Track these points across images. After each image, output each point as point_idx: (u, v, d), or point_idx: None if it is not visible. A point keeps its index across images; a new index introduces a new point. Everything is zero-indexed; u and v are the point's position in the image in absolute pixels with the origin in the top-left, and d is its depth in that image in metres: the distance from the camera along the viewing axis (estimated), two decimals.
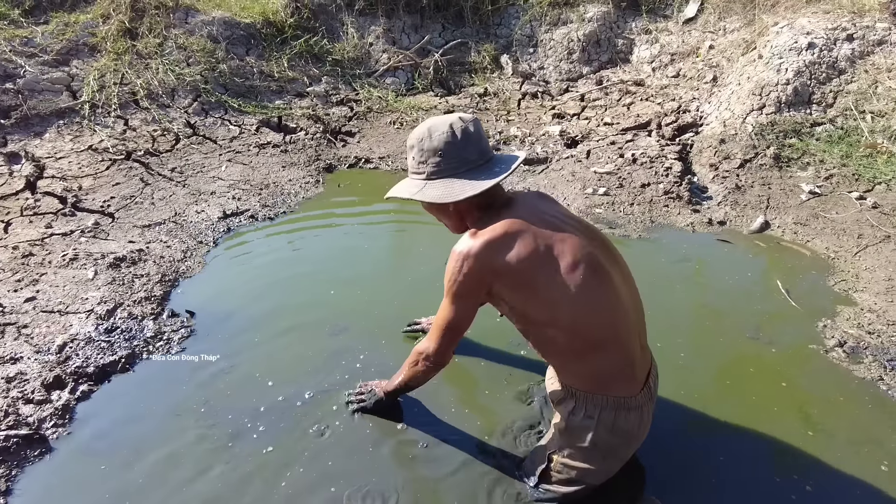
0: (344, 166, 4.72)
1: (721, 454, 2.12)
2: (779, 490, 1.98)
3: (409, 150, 1.82)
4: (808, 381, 2.44)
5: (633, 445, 1.80)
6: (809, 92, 4.53)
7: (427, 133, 1.74)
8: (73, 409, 2.34)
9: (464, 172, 1.71)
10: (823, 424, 2.22)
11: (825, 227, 3.60)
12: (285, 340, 2.69)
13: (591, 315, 1.63)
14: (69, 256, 3.24)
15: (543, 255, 1.62)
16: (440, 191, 1.72)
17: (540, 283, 1.62)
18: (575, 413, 1.75)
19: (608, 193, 4.04)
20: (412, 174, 1.81)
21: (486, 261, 1.64)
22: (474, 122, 1.76)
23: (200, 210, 3.92)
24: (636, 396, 1.71)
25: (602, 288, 1.64)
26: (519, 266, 1.62)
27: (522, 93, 6.06)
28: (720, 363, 2.56)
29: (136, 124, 4.98)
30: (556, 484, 1.90)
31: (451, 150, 1.71)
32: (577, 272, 1.61)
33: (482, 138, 1.76)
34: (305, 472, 2.06)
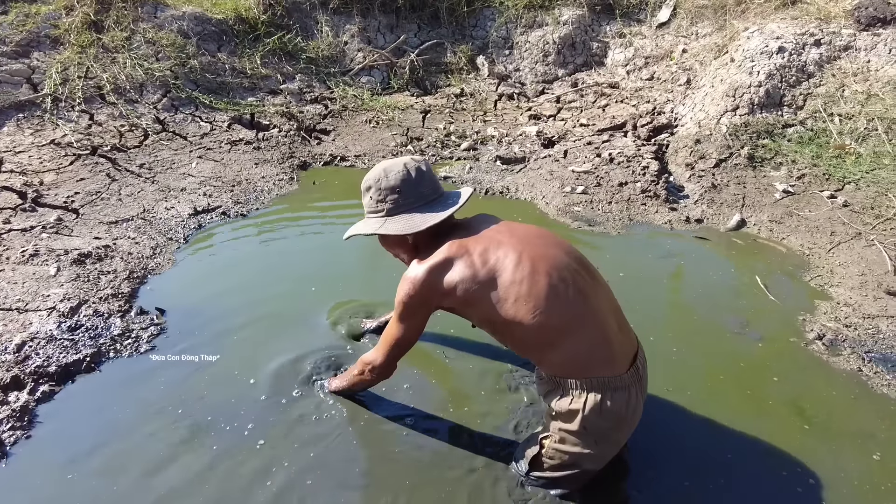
0: (319, 164, 4.62)
1: (719, 448, 2.10)
2: (785, 484, 1.97)
3: (364, 193, 1.93)
4: (795, 374, 2.44)
5: (623, 429, 1.78)
6: (780, 94, 4.62)
7: (383, 174, 1.88)
8: (33, 411, 2.19)
9: (420, 206, 1.87)
10: (816, 417, 2.22)
11: (799, 225, 3.66)
12: (258, 337, 2.59)
13: (550, 304, 1.69)
14: (29, 252, 3.08)
15: (486, 268, 1.73)
16: (400, 224, 1.86)
17: (491, 292, 1.72)
18: (562, 399, 1.75)
19: (586, 192, 4.04)
20: (370, 214, 1.94)
21: (429, 285, 1.78)
22: (425, 162, 1.94)
23: (170, 207, 3.78)
24: (622, 376, 1.71)
25: (552, 277, 1.71)
26: (463, 284, 1.74)
27: (499, 94, 6.05)
28: (708, 357, 2.55)
29: (103, 119, 4.80)
30: (549, 470, 1.87)
31: (407, 187, 1.86)
32: (522, 270, 1.71)
33: (433, 176, 1.93)
34: (290, 467, 1.97)
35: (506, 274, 1.71)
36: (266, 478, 1.95)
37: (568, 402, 1.73)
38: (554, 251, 1.79)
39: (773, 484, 1.96)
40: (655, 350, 2.52)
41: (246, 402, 2.25)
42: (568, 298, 1.70)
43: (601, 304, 1.76)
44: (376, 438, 2.13)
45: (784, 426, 2.18)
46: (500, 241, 1.78)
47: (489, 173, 4.45)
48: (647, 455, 2.06)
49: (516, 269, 1.71)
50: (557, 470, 1.86)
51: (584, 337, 1.70)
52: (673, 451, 2.09)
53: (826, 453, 2.08)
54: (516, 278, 1.70)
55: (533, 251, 1.75)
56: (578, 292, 1.72)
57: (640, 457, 2.06)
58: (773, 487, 1.95)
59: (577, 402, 1.71)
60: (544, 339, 1.72)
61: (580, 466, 1.82)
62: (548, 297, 1.69)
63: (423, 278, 1.78)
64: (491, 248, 1.76)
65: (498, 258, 1.74)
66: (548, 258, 1.75)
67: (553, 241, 1.86)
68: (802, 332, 2.70)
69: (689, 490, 1.95)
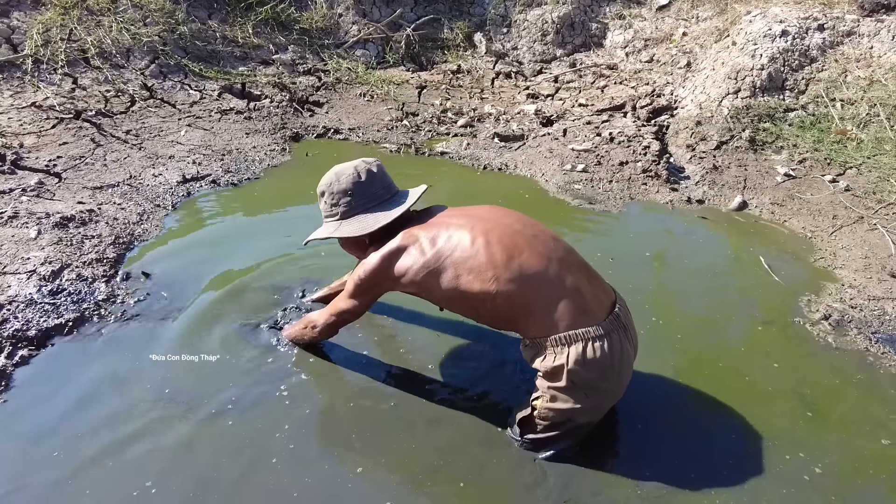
0: (312, 136, 4.49)
1: (721, 433, 2.05)
2: (790, 470, 1.91)
3: (319, 198, 2.01)
4: (801, 355, 2.39)
5: (612, 377, 1.75)
6: (783, 78, 4.57)
7: (335, 178, 1.96)
8: (10, 376, 2.08)
9: (374, 207, 1.95)
10: (820, 404, 2.16)
11: (801, 208, 3.61)
12: (246, 304, 2.49)
13: (510, 267, 1.73)
14: (7, 214, 2.93)
15: (435, 250, 1.79)
16: (355, 226, 1.94)
17: (446, 271, 1.78)
18: (546, 358, 1.75)
19: (587, 170, 3.96)
20: (326, 218, 2.02)
21: (381, 271, 1.88)
22: (377, 163, 2.00)
23: (158, 174, 3.64)
24: (599, 325, 1.71)
25: (506, 244, 1.76)
26: (412, 269, 1.82)
27: (496, 72, 5.94)
28: (711, 339, 2.50)
29: (87, 83, 4.61)
30: (544, 430, 1.86)
31: (359, 188, 1.94)
32: (477, 244, 1.76)
33: (386, 176, 2.01)
34: (282, 439, 1.88)
35: (459, 251, 1.77)
36: (246, 444, 1.86)
37: (552, 359, 1.73)
38: (506, 220, 1.85)
39: (779, 471, 1.91)
40: (658, 332, 2.47)
41: (226, 368, 2.16)
42: (527, 260, 1.74)
43: (564, 261, 1.78)
44: (366, 406, 2.06)
45: (788, 410, 2.13)
46: (450, 223, 1.85)
47: (487, 150, 4.35)
48: (645, 435, 2.01)
49: (471, 244, 1.77)
50: (552, 429, 1.84)
51: (552, 293, 1.73)
52: (673, 434, 2.03)
53: (831, 439, 2.04)
54: (472, 252, 1.75)
55: (484, 225, 1.81)
56: (537, 253, 1.76)
57: (638, 436, 2.01)
58: (778, 474, 1.90)
59: (559, 357, 1.71)
60: (513, 305, 1.75)
61: (575, 421, 1.81)
62: (507, 262, 1.73)
63: (376, 266, 1.88)
64: (441, 232, 1.83)
65: (448, 238, 1.80)
66: (500, 227, 1.81)
67: (503, 212, 1.91)
68: (807, 313, 2.65)
69: (690, 476, 1.88)
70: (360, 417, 2.02)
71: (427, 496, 1.77)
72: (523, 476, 1.83)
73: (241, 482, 1.75)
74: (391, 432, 1.96)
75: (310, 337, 2.19)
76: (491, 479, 1.82)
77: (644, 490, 1.80)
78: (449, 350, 2.33)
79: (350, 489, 1.76)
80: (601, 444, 1.95)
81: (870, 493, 1.84)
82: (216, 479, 1.76)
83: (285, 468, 1.81)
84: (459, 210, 1.95)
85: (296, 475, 1.78)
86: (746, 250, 3.17)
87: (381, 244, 1.90)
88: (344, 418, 2.02)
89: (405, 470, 1.84)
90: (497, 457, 1.89)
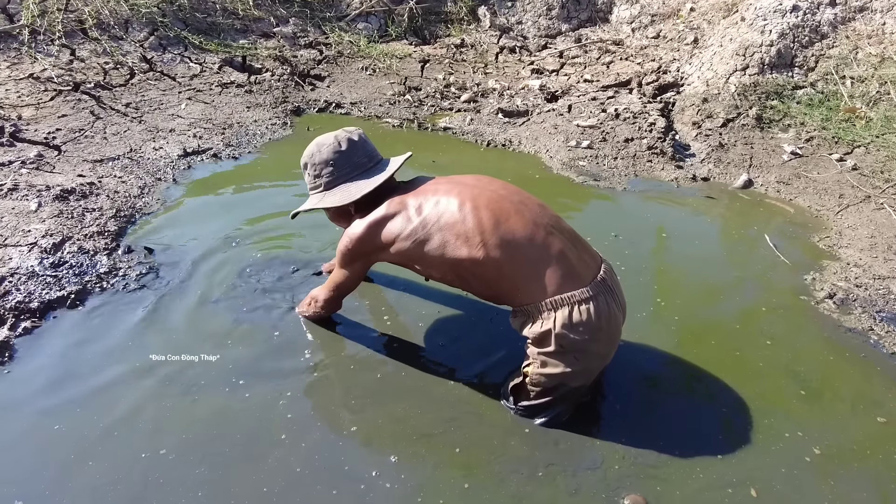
0: (313, 110, 4.44)
1: (719, 411, 2.05)
2: (789, 447, 1.92)
3: (303, 171, 2.00)
4: (802, 335, 2.38)
5: (602, 339, 1.75)
6: (792, 55, 4.49)
7: (316, 149, 1.94)
8: (13, 347, 2.08)
9: (357, 176, 1.93)
10: (820, 382, 2.16)
11: (807, 187, 3.58)
12: (248, 278, 2.48)
13: (497, 233, 1.73)
14: (7, 187, 2.91)
15: (421, 218, 1.79)
16: (338, 196, 1.92)
17: (432, 239, 1.78)
18: (534, 325, 1.76)
19: (591, 147, 3.91)
20: (311, 190, 2.01)
21: (367, 239, 1.87)
22: (359, 132, 1.99)
23: (158, 147, 3.60)
24: (585, 289, 1.72)
25: (493, 210, 1.75)
26: (399, 237, 1.81)
27: (500, 46, 5.85)
28: (716, 316, 2.49)
29: (85, 55, 4.55)
30: (537, 397, 1.87)
31: (340, 158, 1.92)
32: (463, 210, 1.76)
33: (368, 144, 1.99)
34: (288, 407, 1.89)
35: (446, 216, 1.77)
36: (249, 412, 1.87)
37: (539, 325, 1.74)
38: (492, 186, 1.85)
39: (779, 448, 1.91)
40: (660, 309, 2.46)
41: (230, 340, 2.17)
42: (514, 225, 1.74)
43: (550, 227, 1.78)
44: (365, 375, 2.07)
45: (787, 387, 2.12)
46: (437, 190, 1.84)
47: (491, 125, 4.30)
48: (641, 408, 2.01)
49: (459, 209, 1.76)
50: (545, 395, 1.85)
51: (539, 258, 1.73)
52: (670, 409, 2.03)
53: (830, 418, 2.04)
54: (459, 217, 1.75)
55: (471, 191, 1.80)
56: (523, 219, 1.76)
57: (634, 409, 2.01)
58: (777, 452, 1.90)
59: (546, 322, 1.72)
60: (501, 271, 1.75)
61: (567, 385, 1.82)
62: (495, 227, 1.73)
63: (361, 234, 1.87)
64: (428, 198, 1.82)
65: (436, 204, 1.80)
66: (486, 193, 1.80)
67: (489, 180, 1.90)
68: (812, 291, 2.64)
69: (685, 449, 1.88)
70: (358, 385, 2.03)
71: (423, 461, 1.77)
72: (516, 443, 1.84)
73: (244, 448, 1.76)
74: (388, 400, 1.97)
75: (314, 312, 2.21)
76: (485, 445, 1.83)
77: (637, 459, 1.80)
78: (445, 321, 2.34)
79: (348, 453, 1.77)
80: (594, 414, 1.97)
81: (874, 474, 1.84)
82: (219, 448, 1.76)
83: (287, 434, 1.81)
84: (446, 179, 1.93)
85: (296, 440, 1.79)
86: (751, 228, 3.15)
87: (367, 213, 1.88)
88: (342, 386, 2.02)
89: (401, 436, 1.85)
90: (491, 424, 1.90)
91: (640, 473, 1.77)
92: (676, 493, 1.71)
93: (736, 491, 1.73)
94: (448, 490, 1.70)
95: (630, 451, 1.83)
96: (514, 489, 1.70)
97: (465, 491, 1.70)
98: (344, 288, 2.08)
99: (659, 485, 1.73)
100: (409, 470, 1.74)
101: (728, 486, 1.74)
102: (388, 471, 1.73)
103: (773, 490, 1.74)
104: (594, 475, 1.76)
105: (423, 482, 1.71)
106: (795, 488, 1.75)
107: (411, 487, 1.69)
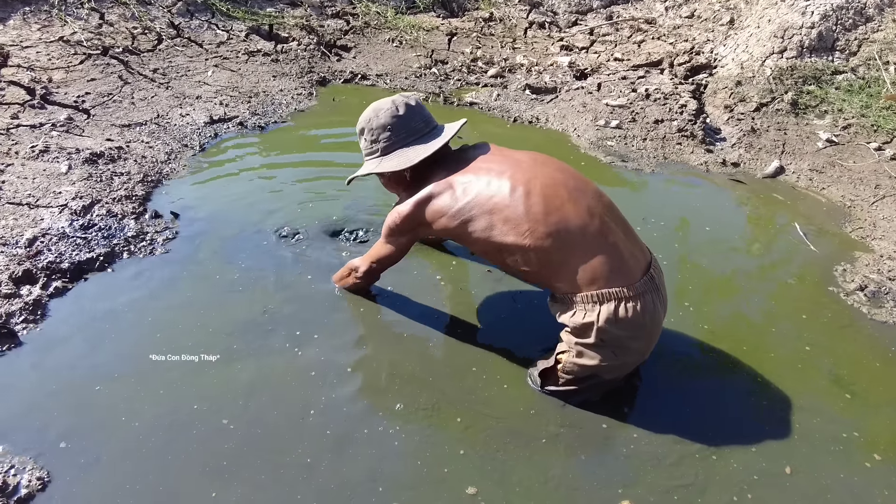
0: (339, 81, 4.41)
1: (743, 398, 2.03)
2: (816, 435, 1.90)
3: (359, 136, 1.98)
4: (831, 327, 2.34)
5: (641, 336, 1.74)
6: (834, 38, 4.34)
7: (374, 113, 1.91)
8: (46, 306, 2.13)
9: (413, 141, 1.90)
10: (848, 374, 2.12)
11: (841, 176, 3.49)
12: (273, 248, 2.50)
13: (549, 221, 1.68)
14: (39, 148, 2.95)
15: (468, 199, 1.76)
16: (395, 161, 1.89)
17: (478, 220, 1.75)
18: (576, 315, 1.73)
19: (620, 127, 3.85)
20: (367, 156, 1.98)
21: (412, 217, 1.87)
22: (416, 97, 1.95)
23: (185, 114, 3.61)
24: (634, 285, 1.68)
25: (547, 196, 1.70)
26: (444, 216, 1.80)
27: (529, 21, 5.73)
28: (743, 303, 2.45)
29: (114, 19, 4.55)
30: (566, 384, 1.86)
31: (398, 123, 1.89)
32: (516, 193, 1.71)
33: (424, 110, 1.96)
34: (317, 377, 1.91)
35: (496, 199, 1.72)
36: (275, 372, 1.90)
37: (581, 316, 1.71)
38: (545, 170, 1.79)
39: (804, 435, 1.90)
40: (687, 295, 2.44)
41: (256, 306, 2.20)
42: (566, 215, 1.69)
43: (604, 217, 1.73)
44: (392, 341, 2.12)
45: (815, 379, 2.10)
46: (489, 170, 1.79)
47: (518, 101, 4.24)
48: (664, 393, 2.00)
49: (510, 193, 1.72)
50: (574, 383, 1.84)
51: (590, 250, 1.69)
52: (694, 396, 2.02)
53: (862, 410, 2.01)
54: (509, 202, 1.71)
55: (525, 174, 1.75)
56: (578, 208, 1.71)
57: (655, 393, 2.00)
58: (802, 438, 1.89)
59: (590, 315, 1.69)
60: (547, 259, 1.71)
61: (600, 377, 1.81)
62: (546, 216, 1.68)
63: (408, 212, 1.87)
64: (477, 179, 1.78)
65: (487, 185, 1.75)
66: (541, 177, 1.75)
67: (543, 160, 1.85)
68: (841, 282, 2.58)
69: (706, 433, 1.88)
70: (385, 349, 2.07)
71: (432, 426, 1.79)
72: (537, 417, 1.85)
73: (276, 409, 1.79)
74: (410, 373, 1.99)
75: (352, 283, 2.22)
76: (506, 419, 1.85)
77: (654, 441, 1.81)
78: (474, 295, 2.35)
79: (363, 415, 1.79)
80: (622, 396, 1.96)
81: None
82: (260, 414, 1.80)
83: (326, 396, 1.85)
84: (500, 154, 1.88)
85: (330, 402, 1.82)
86: (781, 216, 3.08)
87: (422, 181, 1.88)
88: (370, 352, 2.05)
89: (414, 405, 1.89)
90: (513, 399, 1.92)
91: (656, 457, 1.77)
92: (709, 477, 1.71)
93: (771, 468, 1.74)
94: (454, 457, 1.71)
95: (651, 436, 1.84)
96: (539, 463, 1.72)
97: (461, 457, 1.72)
98: (385, 261, 2.07)
99: (684, 468, 1.73)
100: (425, 435, 1.76)
101: (764, 463, 1.74)
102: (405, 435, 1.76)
103: (807, 470, 1.73)
104: (617, 461, 1.76)
105: (437, 449, 1.73)
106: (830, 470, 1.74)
107: (423, 453, 1.71)
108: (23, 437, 1.68)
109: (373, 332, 2.16)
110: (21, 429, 1.70)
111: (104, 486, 1.58)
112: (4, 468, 1.59)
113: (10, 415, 1.74)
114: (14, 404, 1.77)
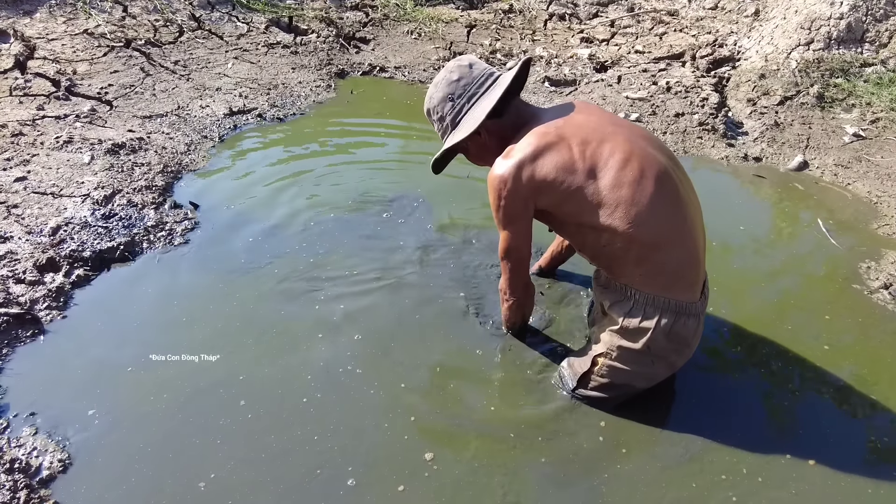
0: (357, 73, 4.41)
1: (765, 396, 2.01)
2: (837, 435, 1.87)
3: (429, 120, 1.82)
4: (854, 324, 2.29)
5: (685, 353, 1.70)
6: (863, 29, 4.23)
7: (433, 90, 1.75)
8: (69, 293, 2.17)
9: (478, 100, 1.68)
10: (872, 373, 2.08)
11: (868, 171, 3.40)
12: (291, 242, 2.52)
13: (652, 215, 1.53)
14: (63, 139, 3.00)
15: (587, 162, 1.54)
16: (465, 127, 1.68)
17: (588, 190, 1.54)
18: (632, 315, 1.63)
19: (640, 120, 3.80)
20: (442, 138, 1.80)
21: (521, 178, 1.58)
22: (469, 56, 1.76)
23: (205, 105, 3.65)
24: (695, 303, 1.63)
25: (658, 186, 1.54)
26: (561, 174, 1.55)
27: (549, 13, 5.67)
28: (764, 300, 2.41)
29: (136, 12, 4.61)
30: (595, 389, 1.80)
31: (455, 89, 1.69)
32: (629, 173, 1.52)
33: (477, 63, 1.73)
34: (340, 361, 1.93)
35: (609, 174, 1.52)
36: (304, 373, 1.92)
37: (639, 319, 1.62)
38: (659, 155, 1.60)
39: (825, 435, 1.87)
40: (712, 293, 2.39)
41: (280, 296, 2.22)
42: (669, 212, 1.56)
43: (696, 222, 1.63)
44: (401, 350, 2.09)
45: (838, 375, 2.06)
46: (604, 137, 1.56)
47: (537, 94, 4.20)
48: (685, 392, 1.98)
49: (622, 170, 1.52)
50: (606, 389, 1.78)
51: (675, 255, 1.58)
52: (714, 393, 1.99)
53: (889, 408, 1.97)
54: (621, 181, 1.52)
55: (641, 153, 1.55)
56: (680, 205, 1.58)
57: (677, 392, 1.97)
58: (824, 438, 1.86)
59: (647, 320, 1.60)
60: (634, 250, 1.57)
61: (632, 386, 1.76)
62: (651, 208, 1.52)
63: (513, 172, 1.58)
64: (593, 141, 1.55)
65: (601, 154, 1.53)
66: (655, 164, 1.56)
67: (657, 143, 1.67)
68: (865, 280, 2.53)
69: (732, 433, 1.86)
70: (392, 350, 2.06)
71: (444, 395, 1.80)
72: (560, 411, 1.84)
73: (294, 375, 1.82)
74: (433, 353, 2.00)
75: (515, 303, 1.92)
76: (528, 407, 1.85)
77: (675, 440, 1.79)
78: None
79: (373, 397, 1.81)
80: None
81: None
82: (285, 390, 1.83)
83: (353, 364, 1.86)
84: (609, 119, 1.64)
85: (357, 374, 1.84)
86: (804, 212, 3.02)
87: (511, 140, 1.64)
88: (377, 350, 2.05)
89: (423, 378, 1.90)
90: (539, 403, 1.90)
91: (660, 456, 1.76)
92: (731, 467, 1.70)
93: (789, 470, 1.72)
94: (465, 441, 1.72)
95: (659, 434, 1.82)
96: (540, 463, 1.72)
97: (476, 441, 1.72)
98: (518, 255, 1.75)
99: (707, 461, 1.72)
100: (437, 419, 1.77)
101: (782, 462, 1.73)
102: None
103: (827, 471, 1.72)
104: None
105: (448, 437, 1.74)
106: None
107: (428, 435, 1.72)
108: (46, 421, 1.72)
109: (376, 331, 2.15)
110: (45, 411, 1.75)
111: (123, 469, 1.61)
112: (28, 450, 1.63)
113: (33, 399, 1.78)
114: (37, 389, 1.82)
